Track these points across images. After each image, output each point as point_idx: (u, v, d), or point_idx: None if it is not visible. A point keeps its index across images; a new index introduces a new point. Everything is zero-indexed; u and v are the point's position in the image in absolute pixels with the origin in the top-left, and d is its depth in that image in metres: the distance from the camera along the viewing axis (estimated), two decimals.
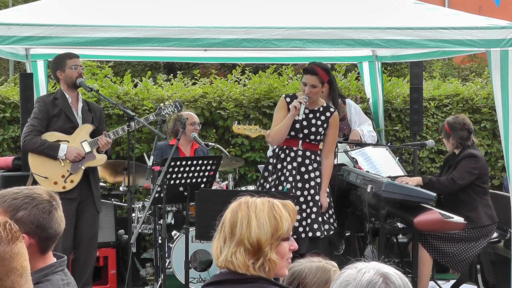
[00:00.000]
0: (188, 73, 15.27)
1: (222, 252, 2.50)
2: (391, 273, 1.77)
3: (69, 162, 5.35)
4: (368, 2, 5.55)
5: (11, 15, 4.97)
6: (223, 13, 5.10)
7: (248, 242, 2.45)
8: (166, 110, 5.55)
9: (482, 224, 5.44)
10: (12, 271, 1.95)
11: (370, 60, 7.49)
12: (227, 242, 2.49)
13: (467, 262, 5.47)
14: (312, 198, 5.23)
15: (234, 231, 2.48)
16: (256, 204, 2.51)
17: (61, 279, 2.52)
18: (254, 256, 2.47)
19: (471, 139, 5.63)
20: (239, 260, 2.46)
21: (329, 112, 5.33)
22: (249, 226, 2.46)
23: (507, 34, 4.77)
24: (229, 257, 2.47)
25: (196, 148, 6.50)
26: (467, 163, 5.48)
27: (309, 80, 5.21)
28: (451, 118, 5.77)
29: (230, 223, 2.50)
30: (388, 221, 5.29)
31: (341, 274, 1.84)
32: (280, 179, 5.26)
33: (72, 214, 5.34)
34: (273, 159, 5.36)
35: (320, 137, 5.30)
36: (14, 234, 1.99)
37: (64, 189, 5.31)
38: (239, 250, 2.46)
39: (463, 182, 5.44)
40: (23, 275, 1.98)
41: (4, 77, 10.99)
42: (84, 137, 5.44)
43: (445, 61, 18.51)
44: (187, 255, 5.20)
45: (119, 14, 5.03)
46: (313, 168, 5.28)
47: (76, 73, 5.42)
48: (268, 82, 7.97)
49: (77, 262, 5.46)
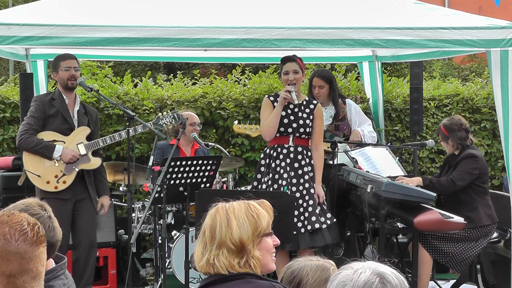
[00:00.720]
0: (188, 73, 15.27)
1: (203, 257, 2.60)
2: (387, 273, 1.77)
3: (63, 163, 5.35)
4: (368, 2, 5.55)
5: (11, 15, 4.97)
6: (223, 13, 5.10)
7: (231, 243, 2.56)
8: (164, 120, 5.55)
9: (482, 224, 5.44)
10: (26, 272, 1.97)
11: (370, 60, 7.49)
12: (208, 246, 2.60)
13: (467, 262, 5.46)
14: (307, 191, 5.27)
15: (214, 235, 2.58)
16: (233, 206, 2.63)
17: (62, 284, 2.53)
18: (238, 255, 2.57)
19: (469, 138, 5.62)
20: (222, 262, 2.56)
21: (313, 105, 5.42)
22: (230, 227, 2.57)
23: (507, 34, 4.77)
24: (211, 260, 2.57)
25: (197, 148, 6.50)
26: (466, 163, 5.47)
27: (290, 67, 5.31)
28: (446, 120, 5.73)
29: (210, 227, 2.61)
30: (388, 221, 5.29)
31: (337, 275, 1.84)
32: (275, 177, 5.28)
33: (67, 215, 5.34)
34: (265, 160, 5.39)
35: (309, 129, 5.35)
36: (39, 237, 2.01)
37: (56, 189, 5.32)
38: (222, 252, 2.57)
39: (462, 183, 5.44)
40: (36, 278, 1.99)
41: (4, 77, 10.99)
42: (80, 139, 5.44)
43: (445, 61, 18.51)
44: (187, 255, 5.19)
45: (119, 14, 5.02)
46: (305, 163, 5.33)
47: (68, 74, 5.39)
48: (268, 82, 7.97)
49: (78, 262, 5.46)
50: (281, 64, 5.39)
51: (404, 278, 1.80)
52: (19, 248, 1.95)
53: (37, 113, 5.39)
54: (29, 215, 2.34)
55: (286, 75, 5.31)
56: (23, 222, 2.01)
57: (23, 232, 1.98)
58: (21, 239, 1.96)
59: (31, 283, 1.98)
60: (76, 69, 5.46)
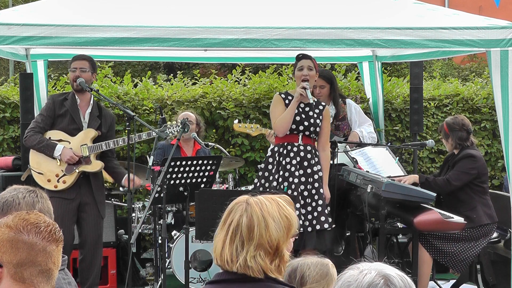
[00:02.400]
0: (188, 73, 15.27)
1: (239, 256, 2.42)
2: (392, 275, 1.76)
3: (65, 163, 5.39)
4: (368, 2, 5.55)
5: (11, 15, 4.97)
6: (223, 13, 5.10)
7: (269, 245, 2.43)
8: (171, 129, 5.52)
9: (481, 223, 5.44)
10: (34, 264, 1.99)
11: (370, 60, 7.49)
12: (246, 246, 2.43)
13: (467, 262, 5.47)
14: (316, 191, 5.26)
15: (252, 235, 2.42)
16: (265, 204, 2.47)
17: (62, 278, 2.55)
18: (272, 257, 2.45)
19: (470, 139, 5.63)
20: (259, 263, 2.42)
21: (321, 106, 5.44)
22: (268, 228, 2.42)
23: (507, 34, 4.77)
24: (249, 262, 2.41)
25: (199, 149, 6.50)
26: (464, 163, 5.49)
27: (305, 63, 5.30)
28: (450, 118, 5.77)
29: (247, 227, 2.43)
30: (388, 221, 5.29)
31: (343, 274, 1.83)
32: (285, 175, 5.26)
33: (71, 214, 5.39)
34: (273, 157, 5.36)
35: (318, 129, 5.35)
36: (52, 235, 2.06)
37: (56, 188, 5.38)
38: (259, 254, 2.42)
39: (458, 183, 5.45)
40: (44, 274, 2.02)
41: (4, 77, 10.99)
42: (85, 141, 5.47)
43: (445, 61, 18.51)
44: (187, 255, 5.20)
45: (119, 14, 5.03)
46: (314, 162, 5.32)
47: (73, 76, 5.47)
48: (268, 82, 7.97)
49: (84, 263, 5.52)
50: (296, 61, 5.37)
51: (411, 282, 1.79)
52: (30, 239, 2.01)
53: (46, 112, 5.49)
54: (19, 195, 2.43)
55: (300, 70, 5.29)
56: (40, 219, 2.08)
57: (37, 226, 2.04)
58: (34, 231, 2.02)
59: (38, 277, 2.00)
60: (82, 69, 5.47)
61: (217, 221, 2.56)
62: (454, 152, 5.67)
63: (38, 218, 2.08)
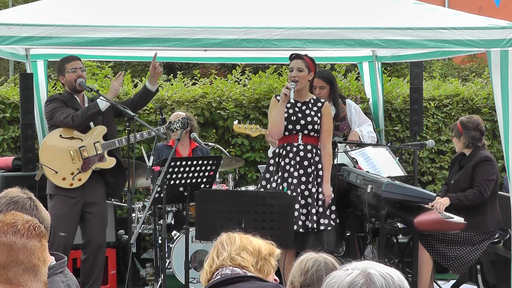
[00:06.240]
0: (188, 73, 15.26)
1: (221, 257, 2.79)
2: (375, 273, 1.72)
3: (80, 161, 5.38)
4: (368, 2, 5.55)
5: (11, 15, 4.97)
6: (223, 13, 5.10)
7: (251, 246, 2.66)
8: (175, 125, 5.56)
9: (488, 230, 5.43)
10: (17, 263, 1.96)
11: (370, 60, 7.48)
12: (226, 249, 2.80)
13: (468, 264, 5.45)
14: (317, 190, 5.26)
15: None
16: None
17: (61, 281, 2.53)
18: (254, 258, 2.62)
19: (482, 140, 5.61)
20: (245, 259, 2.64)
21: (320, 103, 5.41)
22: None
23: (507, 34, 4.77)
24: (233, 254, 2.69)
25: (194, 147, 6.47)
26: (486, 169, 5.44)
27: (295, 64, 5.30)
28: (465, 117, 5.73)
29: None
30: (388, 221, 5.29)
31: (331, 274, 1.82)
32: (284, 176, 5.26)
33: (74, 214, 5.37)
34: (274, 159, 5.37)
35: (317, 127, 5.33)
36: (30, 231, 2.02)
37: (71, 186, 5.36)
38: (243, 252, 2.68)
39: (489, 191, 5.42)
40: (30, 271, 1.99)
41: (4, 77, 10.98)
42: (97, 138, 5.48)
43: (445, 61, 18.51)
44: (187, 255, 5.20)
45: (119, 14, 5.03)
46: (315, 161, 5.30)
47: (75, 76, 5.45)
48: (268, 82, 7.97)
49: (87, 263, 5.51)
50: (289, 61, 5.40)
51: (399, 279, 1.74)
52: (7, 239, 1.97)
53: (59, 104, 5.44)
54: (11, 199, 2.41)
55: (290, 72, 5.32)
56: (17, 218, 2.04)
57: (13, 225, 2.00)
58: (11, 232, 1.98)
59: (24, 275, 1.97)
60: (82, 69, 5.50)
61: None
62: (465, 153, 5.63)
63: (15, 217, 2.04)
